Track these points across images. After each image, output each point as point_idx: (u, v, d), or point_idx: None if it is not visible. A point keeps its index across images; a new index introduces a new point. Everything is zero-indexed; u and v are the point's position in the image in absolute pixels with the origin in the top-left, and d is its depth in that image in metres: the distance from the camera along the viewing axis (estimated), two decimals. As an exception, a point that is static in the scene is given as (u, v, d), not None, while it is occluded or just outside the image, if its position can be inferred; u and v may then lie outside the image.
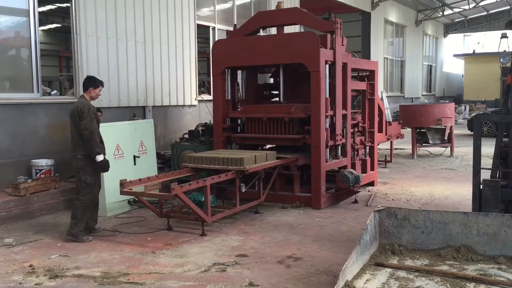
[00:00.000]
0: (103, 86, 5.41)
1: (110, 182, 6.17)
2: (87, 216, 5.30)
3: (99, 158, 5.07)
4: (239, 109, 7.20)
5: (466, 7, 25.39)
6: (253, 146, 7.20)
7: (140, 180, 5.45)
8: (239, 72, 7.59)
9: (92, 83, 5.27)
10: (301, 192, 6.76)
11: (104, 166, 5.16)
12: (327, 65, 6.47)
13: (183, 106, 9.43)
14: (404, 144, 13.01)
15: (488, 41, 33.19)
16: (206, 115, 9.63)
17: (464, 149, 12.13)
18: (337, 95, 6.72)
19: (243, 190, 5.80)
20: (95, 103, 7.10)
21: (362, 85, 7.80)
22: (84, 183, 5.20)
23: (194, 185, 5.17)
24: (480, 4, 25.23)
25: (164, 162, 8.06)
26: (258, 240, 5.00)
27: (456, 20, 28.76)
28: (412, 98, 23.47)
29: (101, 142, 5.23)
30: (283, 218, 5.95)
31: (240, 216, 6.03)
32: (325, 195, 6.53)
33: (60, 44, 18.81)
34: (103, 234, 5.36)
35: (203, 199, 5.45)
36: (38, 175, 6.62)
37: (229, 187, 6.43)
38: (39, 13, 6.97)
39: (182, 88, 9.36)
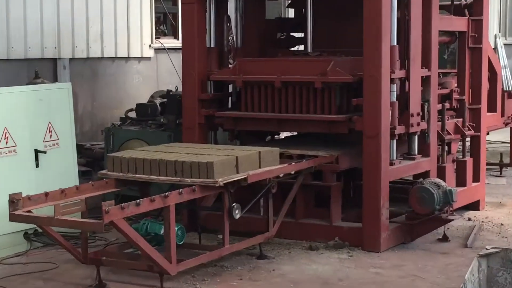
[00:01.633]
0: None
1: (-10, 198, 6.12)
2: None
3: None
4: (230, 66, 7.25)
5: None
6: (256, 135, 7.29)
7: (46, 194, 5.55)
8: (231, -2, 7.81)
9: None
10: (344, 219, 6.86)
11: None
12: (395, -12, 6.65)
13: (127, 59, 9.55)
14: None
15: None
16: (169, 76, 9.70)
17: None
18: (413, 41, 6.76)
19: (237, 216, 5.90)
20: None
21: (460, 24, 7.75)
22: None
23: (147, 206, 5.20)
24: None
25: (92, 162, 8.16)
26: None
27: None
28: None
29: None
30: (310, 269, 5.98)
31: (231, 262, 6.10)
32: (388, 226, 6.63)
33: None
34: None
35: (162, 232, 5.56)
36: None
37: (210, 210, 6.59)
38: None
39: (126, 27, 9.50)
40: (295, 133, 7.87)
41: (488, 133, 8.85)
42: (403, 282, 5.69)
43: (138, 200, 5.16)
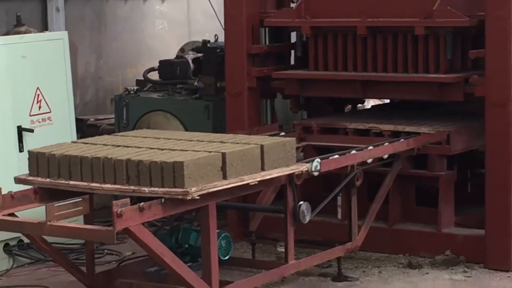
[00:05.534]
0: None
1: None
2: None
3: None
4: (293, 5, 7.01)
5: None
6: (331, 104, 7.15)
7: (36, 191, 5.25)
8: None
9: None
10: (459, 224, 6.41)
11: None
12: None
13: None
14: None
15: None
16: (206, 20, 9.63)
17: None
18: None
19: (306, 219, 5.43)
20: None
21: None
22: None
23: (176, 206, 4.88)
24: None
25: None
26: None
27: None
28: None
29: None
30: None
31: (297, 286, 5.86)
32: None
33: None
34: None
35: (198, 242, 5.32)
36: None
37: (267, 211, 6.18)
38: None
39: None
40: (386, 101, 7.56)
41: None
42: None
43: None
